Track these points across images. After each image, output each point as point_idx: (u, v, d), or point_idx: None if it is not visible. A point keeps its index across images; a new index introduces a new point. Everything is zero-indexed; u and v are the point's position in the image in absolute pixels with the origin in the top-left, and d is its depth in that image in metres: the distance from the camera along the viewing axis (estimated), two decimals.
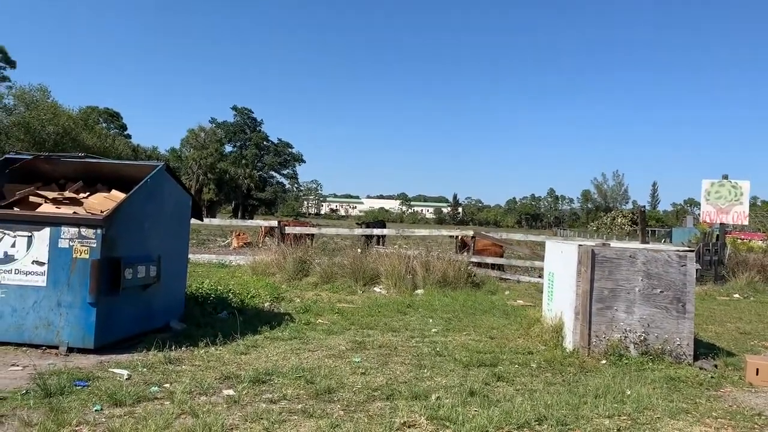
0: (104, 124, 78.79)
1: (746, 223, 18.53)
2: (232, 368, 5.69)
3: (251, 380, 5.22)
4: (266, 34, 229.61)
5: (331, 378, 5.45)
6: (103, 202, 6.86)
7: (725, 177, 17.54)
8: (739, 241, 27.03)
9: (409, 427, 4.28)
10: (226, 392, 4.91)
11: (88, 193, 7.26)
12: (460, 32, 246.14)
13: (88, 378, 5.11)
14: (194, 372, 5.49)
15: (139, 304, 6.71)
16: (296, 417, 4.40)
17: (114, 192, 7.19)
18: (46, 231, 6.13)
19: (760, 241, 27.83)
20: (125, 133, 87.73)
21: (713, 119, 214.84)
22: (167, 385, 5.04)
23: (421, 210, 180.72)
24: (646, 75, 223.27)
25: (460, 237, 17.48)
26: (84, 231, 6.09)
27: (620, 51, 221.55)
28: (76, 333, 5.99)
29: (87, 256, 6.03)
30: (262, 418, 4.28)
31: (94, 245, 6.05)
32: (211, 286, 9.77)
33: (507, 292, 12.80)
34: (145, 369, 5.51)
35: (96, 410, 4.33)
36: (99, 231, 6.07)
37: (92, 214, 6.45)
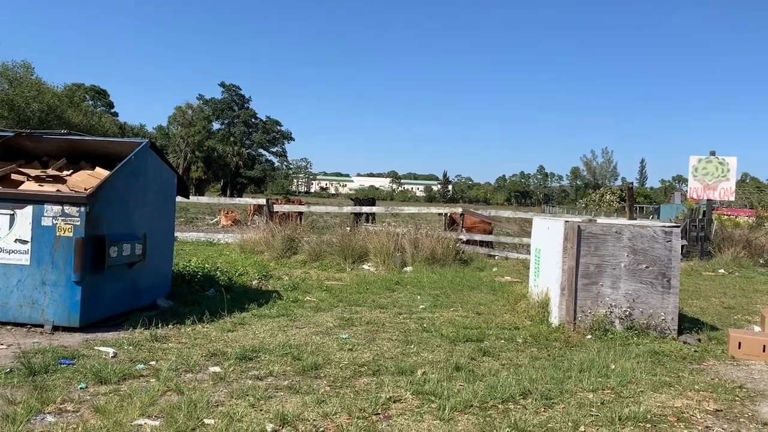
0: (91, 102, 77.83)
1: (732, 199, 18.67)
2: (219, 345, 5.69)
3: (238, 357, 5.23)
4: (254, 7, 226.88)
5: (318, 354, 5.47)
6: (86, 179, 6.78)
7: (712, 153, 17.62)
8: (726, 217, 27.26)
9: (394, 402, 4.31)
10: (212, 369, 4.92)
11: (71, 171, 7.18)
12: (452, 7, 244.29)
13: (73, 356, 5.10)
14: (180, 349, 5.49)
15: (124, 282, 6.68)
16: (282, 393, 4.42)
17: (98, 169, 7.11)
18: (29, 209, 6.06)
19: (746, 217, 28.08)
20: (112, 110, 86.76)
21: (703, 95, 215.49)
22: (153, 363, 5.03)
23: (412, 188, 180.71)
24: (636, 52, 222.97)
25: (448, 214, 17.48)
26: (67, 209, 6.02)
27: (609, 29, 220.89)
28: (61, 311, 5.96)
29: (71, 234, 5.98)
30: (248, 395, 4.29)
31: (78, 223, 6.00)
32: (199, 264, 9.75)
33: (495, 269, 12.86)
34: (131, 347, 5.50)
35: (81, 388, 4.32)
36: (83, 209, 6.01)
37: (76, 191, 6.38)
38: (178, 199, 8.20)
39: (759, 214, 29.02)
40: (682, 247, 15.25)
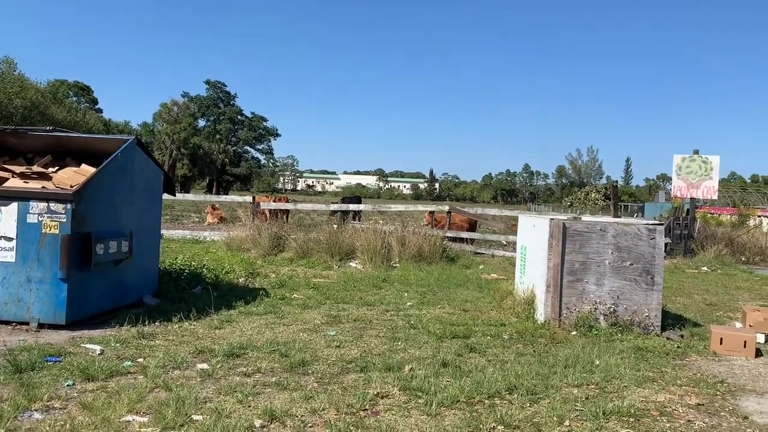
0: (74, 98, 77.03)
1: (715, 197, 18.89)
2: (207, 343, 5.69)
3: (225, 354, 5.24)
4: (240, 4, 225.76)
5: (306, 351, 5.49)
6: (72, 176, 6.74)
7: (696, 152, 17.81)
8: (710, 215, 27.60)
9: (382, 398, 4.34)
10: (200, 366, 4.92)
11: (57, 168, 7.13)
12: (438, 7, 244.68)
13: (60, 353, 5.08)
14: (168, 347, 5.49)
15: (111, 279, 6.66)
16: (270, 389, 4.43)
17: (84, 166, 7.08)
18: (14, 206, 6.02)
19: (729, 215, 28.44)
20: (96, 107, 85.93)
21: (689, 94, 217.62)
22: (140, 360, 5.03)
23: (398, 186, 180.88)
24: (621, 51, 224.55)
25: (434, 213, 17.51)
26: (53, 206, 5.99)
27: (594, 29, 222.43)
28: (46, 309, 5.93)
29: (57, 231, 5.95)
30: (236, 391, 4.30)
31: (64, 220, 5.97)
32: (185, 261, 9.73)
33: (481, 266, 12.93)
34: (118, 344, 5.49)
35: (68, 385, 4.32)
36: (69, 206, 5.98)
37: (62, 188, 6.35)
38: (164, 196, 8.17)
39: (741, 212, 29.39)
40: (666, 244, 15.43)
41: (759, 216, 28.61)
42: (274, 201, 22.43)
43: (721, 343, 6.25)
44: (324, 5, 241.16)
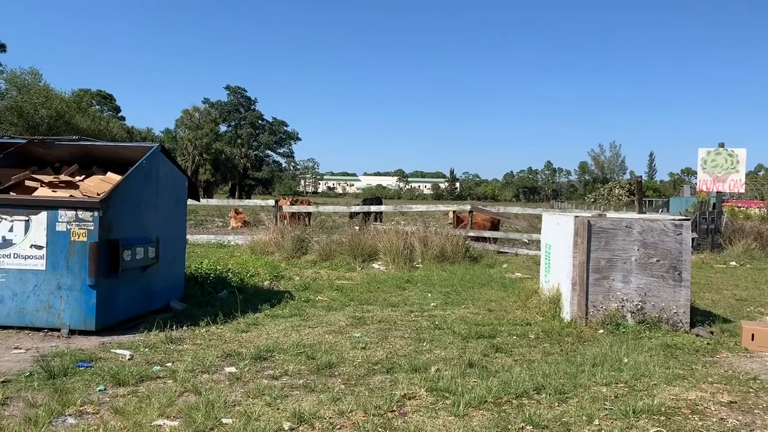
0: (97, 107, 78.26)
1: (742, 190, 18.54)
2: (234, 346, 5.74)
3: (253, 357, 5.28)
4: (258, 10, 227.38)
5: (332, 353, 5.51)
6: (99, 184, 6.85)
7: (721, 145, 17.51)
8: (737, 208, 27.10)
9: (409, 399, 4.34)
10: (228, 370, 4.97)
11: (83, 176, 7.25)
12: (458, 7, 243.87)
13: (91, 359, 5.16)
14: (196, 351, 5.54)
15: (138, 285, 6.75)
16: (298, 392, 4.46)
17: (110, 174, 7.18)
18: (44, 215, 6.14)
19: (758, 209, 27.91)
20: (119, 115, 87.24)
21: (712, 87, 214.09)
22: (169, 364, 5.09)
23: (419, 186, 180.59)
24: (643, 45, 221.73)
25: (456, 213, 17.45)
26: (81, 214, 6.09)
27: (616, 25, 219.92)
28: (77, 315, 6.03)
29: (85, 239, 6.05)
30: (264, 394, 4.34)
31: (92, 228, 6.06)
32: (210, 266, 9.81)
33: (505, 266, 12.86)
34: (146, 349, 5.56)
35: (100, 390, 4.39)
36: (96, 213, 6.07)
37: (89, 196, 6.45)
38: (188, 201, 8.26)
39: None
40: (693, 240, 15.20)
41: None
42: (291, 203, 22.54)
43: (752, 340, 6.14)
44: (342, 9, 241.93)
